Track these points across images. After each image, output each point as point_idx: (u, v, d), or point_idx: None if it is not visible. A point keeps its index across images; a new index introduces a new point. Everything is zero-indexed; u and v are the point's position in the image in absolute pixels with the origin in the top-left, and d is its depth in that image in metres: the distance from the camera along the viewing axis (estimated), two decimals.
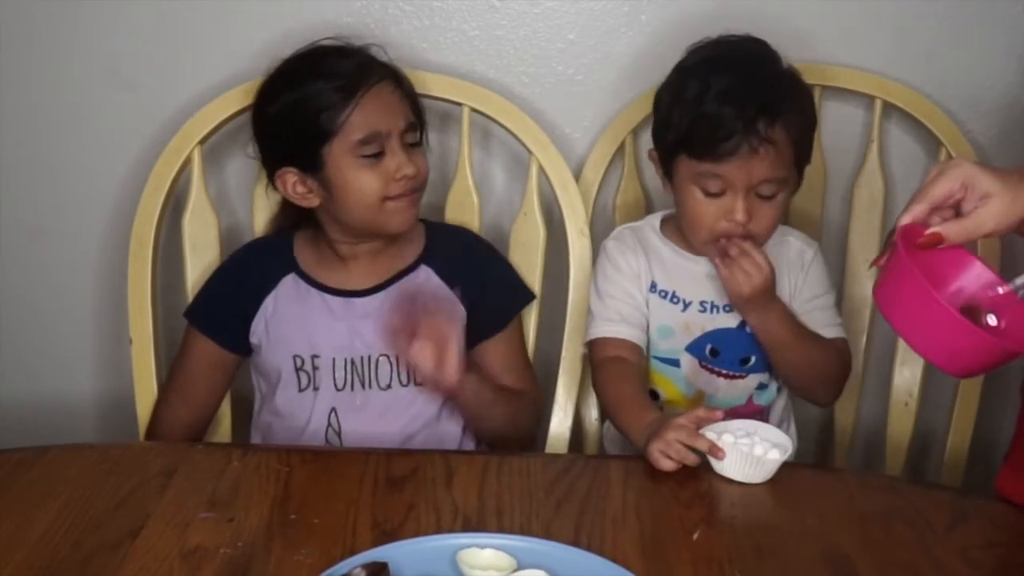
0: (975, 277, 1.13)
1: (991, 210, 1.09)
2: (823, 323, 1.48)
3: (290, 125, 1.45)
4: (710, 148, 1.36)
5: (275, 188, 1.49)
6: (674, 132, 1.41)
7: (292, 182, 1.46)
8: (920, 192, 1.11)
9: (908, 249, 1.06)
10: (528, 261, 1.63)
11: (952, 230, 1.09)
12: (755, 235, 1.41)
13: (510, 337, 1.56)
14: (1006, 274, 1.13)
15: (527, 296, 1.60)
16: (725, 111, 1.36)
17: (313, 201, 1.47)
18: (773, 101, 1.37)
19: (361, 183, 1.43)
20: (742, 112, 1.35)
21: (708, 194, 1.40)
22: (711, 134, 1.36)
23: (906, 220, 1.10)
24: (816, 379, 1.48)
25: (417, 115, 1.50)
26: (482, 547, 1.04)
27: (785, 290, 1.48)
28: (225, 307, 1.54)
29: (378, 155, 1.43)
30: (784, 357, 1.46)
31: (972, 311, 1.10)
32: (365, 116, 1.42)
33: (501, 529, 1.11)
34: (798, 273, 1.50)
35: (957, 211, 1.11)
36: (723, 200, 1.39)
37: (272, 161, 1.48)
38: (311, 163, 1.44)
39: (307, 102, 1.43)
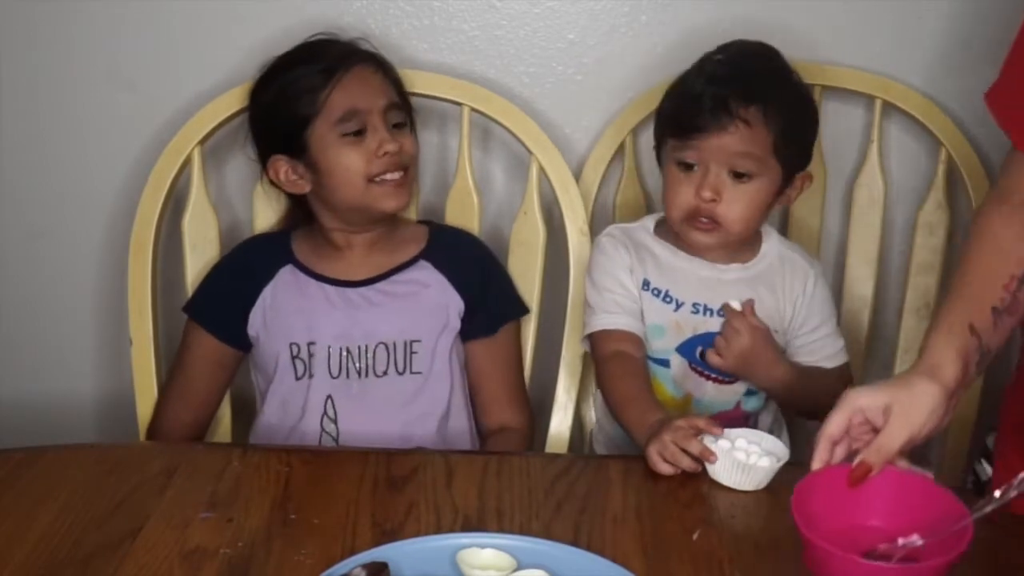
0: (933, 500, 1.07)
1: (896, 422, 1.09)
2: (827, 354, 1.50)
3: (277, 111, 1.48)
4: (684, 121, 1.42)
5: (270, 181, 1.52)
6: (663, 115, 1.48)
7: (284, 170, 1.49)
8: (818, 435, 1.13)
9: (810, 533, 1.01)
10: (528, 261, 1.63)
11: (871, 456, 1.09)
12: (724, 219, 1.42)
13: (500, 346, 1.57)
14: None
15: (521, 309, 1.60)
16: (705, 89, 1.41)
17: (304, 187, 1.49)
18: (753, 86, 1.41)
19: (344, 161, 1.45)
20: (720, 91, 1.40)
21: (682, 166, 1.43)
22: (687, 108, 1.42)
23: (816, 466, 1.12)
24: (823, 409, 1.48)
25: (402, 98, 1.52)
26: (482, 547, 1.04)
27: (787, 313, 1.49)
28: (224, 301, 1.54)
29: (359, 132, 1.45)
30: (789, 404, 1.53)
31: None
32: (344, 94, 1.45)
33: (501, 529, 1.11)
34: (800, 297, 1.50)
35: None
36: (695, 176, 1.42)
37: (264, 151, 1.51)
38: (298, 147, 1.46)
39: (291, 87, 1.46)
